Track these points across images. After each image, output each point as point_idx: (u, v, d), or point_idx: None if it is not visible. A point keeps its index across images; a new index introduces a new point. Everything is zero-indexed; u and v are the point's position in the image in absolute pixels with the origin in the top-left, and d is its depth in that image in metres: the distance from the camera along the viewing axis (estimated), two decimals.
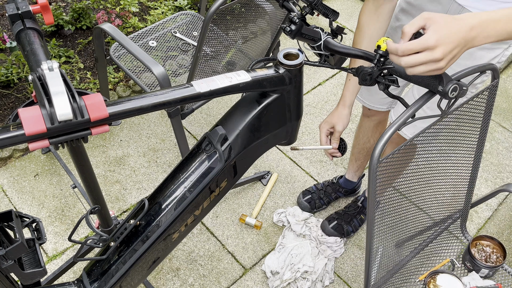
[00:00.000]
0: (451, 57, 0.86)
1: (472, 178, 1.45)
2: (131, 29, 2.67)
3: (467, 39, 0.86)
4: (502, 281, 1.47)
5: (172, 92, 0.86)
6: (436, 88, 0.92)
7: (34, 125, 0.74)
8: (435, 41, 0.84)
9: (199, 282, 1.85)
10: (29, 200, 2.04)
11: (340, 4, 3.30)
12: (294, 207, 2.06)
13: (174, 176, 1.04)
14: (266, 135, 1.04)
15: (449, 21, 0.85)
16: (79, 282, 1.11)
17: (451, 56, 0.86)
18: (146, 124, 2.39)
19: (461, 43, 0.86)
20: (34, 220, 1.06)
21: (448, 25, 0.85)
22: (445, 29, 0.85)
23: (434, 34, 0.84)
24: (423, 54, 0.85)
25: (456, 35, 0.85)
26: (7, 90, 2.37)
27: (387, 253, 1.31)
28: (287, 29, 1.03)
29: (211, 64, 1.88)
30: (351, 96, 1.34)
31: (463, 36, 0.85)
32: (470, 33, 0.86)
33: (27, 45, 1.19)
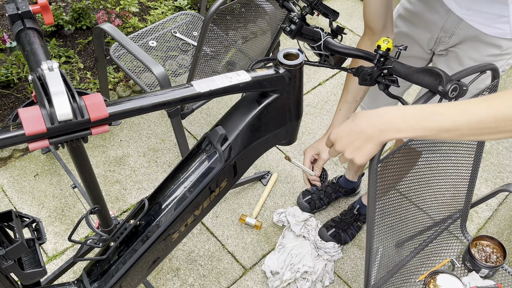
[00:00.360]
0: (354, 148, 0.92)
1: (472, 178, 1.45)
2: (131, 29, 2.68)
3: (371, 133, 0.89)
4: (502, 281, 1.47)
5: (172, 92, 0.86)
6: (436, 88, 0.92)
7: (34, 125, 0.74)
8: (332, 137, 0.95)
9: (199, 282, 1.85)
10: (29, 200, 2.04)
11: (340, 4, 3.30)
12: (294, 207, 2.06)
13: (174, 176, 1.04)
14: (266, 135, 1.04)
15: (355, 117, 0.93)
16: (79, 282, 1.11)
17: (353, 147, 0.92)
18: (146, 124, 2.39)
19: (361, 135, 0.90)
20: (34, 220, 1.06)
21: (353, 120, 0.92)
22: (346, 123, 0.93)
23: (335, 130, 0.95)
24: (330, 148, 0.99)
25: (353, 128, 0.91)
26: (7, 90, 2.37)
27: (387, 253, 1.31)
28: (287, 29, 1.03)
29: (211, 64, 1.88)
30: None
31: (363, 129, 0.90)
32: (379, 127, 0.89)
33: (27, 45, 1.19)
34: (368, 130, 0.90)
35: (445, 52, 1.37)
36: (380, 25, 1.25)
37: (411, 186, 1.26)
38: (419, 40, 1.40)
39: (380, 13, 1.22)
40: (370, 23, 1.26)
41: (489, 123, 0.82)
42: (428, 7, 1.31)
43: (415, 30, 1.39)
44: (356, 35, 3.05)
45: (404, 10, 1.41)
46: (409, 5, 1.38)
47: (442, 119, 0.84)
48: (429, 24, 1.33)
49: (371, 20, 1.25)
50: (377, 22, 1.24)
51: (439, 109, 0.85)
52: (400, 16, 1.43)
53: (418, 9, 1.35)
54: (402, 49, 0.96)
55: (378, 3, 1.20)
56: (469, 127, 0.83)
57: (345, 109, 1.30)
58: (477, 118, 0.82)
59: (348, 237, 1.98)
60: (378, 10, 1.22)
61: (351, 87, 1.29)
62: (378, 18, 1.23)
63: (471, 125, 0.83)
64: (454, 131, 0.84)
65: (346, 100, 1.30)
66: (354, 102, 1.30)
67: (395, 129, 0.88)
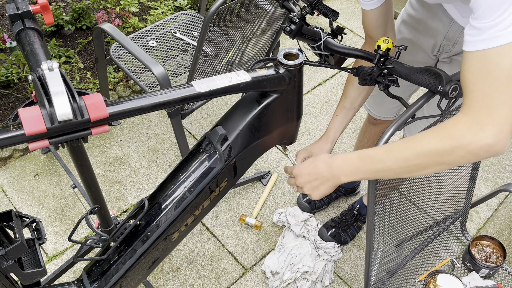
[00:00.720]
0: (312, 186, 1.04)
1: (472, 178, 1.45)
2: (131, 29, 2.68)
3: (326, 175, 1.01)
4: (502, 281, 1.47)
5: (172, 92, 0.86)
6: (436, 88, 0.92)
7: (34, 125, 0.74)
8: (295, 173, 1.07)
9: (199, 282, 1.85)
10: (29, 200, 2.04)
11: (340, 4, 3.30)
12: (294, 207, 2.06)
13: (174, 176, 1.04)
14: (266, 135, 1.04)
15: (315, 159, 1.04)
16: (79, 282, 1.11)
17: (311, 185, 1.04)
18: (146, 124, 2.39)
19: (319, 177, 1.02)
20: (34, 220, 1.06)
21: (313, 161, 1.04)
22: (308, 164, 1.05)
23: (297, 167, 1.07)
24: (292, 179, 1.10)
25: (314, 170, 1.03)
26: (7, 90, 2.37)
27: (387, 253, 1.31)
28: (287, 29, 1.03)
29: (211, 64, 1.88)
30: (336, 133, 1.29)
31: (320, 172, 1.01)
32: (330, 170, 1.00)
33: (27, 45, 1.19)
34: (324, 174, 1.01)
35: (448, 60, 1.36)
36: (380, 35, 1.23)
37: (411, 186, 1.26)
38: (423, 46, 1.38)
39: (379, 24, 1.21)
40: (369, 32, 1.24)
41: (413, 161, 0.89)
42: (431, 15, 1.30)
43: (418, 37, 1.38)
44: (356, 35, 3.05)
45: (408, 16, 1.40)
46: (413, 11, 1.37)
47: (375, 162, 0.94)
48: (433, 32, 1.32)
49: (370, 30, 1.23)
50: (376, 32, 1.23)
51: (372, 153, 0.95)
52: (403, 22, 1.42)
53: (422, 16, 1.33)
54: (402, 49, 0.96)
55: (377, 13, 1.18)
56: (398, 166, 0.92)
57: (342, 115, 1.29)
58: (403, 157, 0.91)
59: (348, 237, 1.98)
60: (376, 21, 1.20)
61: (349, 93, 1.28)
62: (377, 29, 1.22)
63: (399, 164, 0.91)
64: (388, 171, 0.93)
65: (344, 106, 1.29)
66: (352, 109, 1.28)
67: (344, 174, 0.99)
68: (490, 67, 0.80)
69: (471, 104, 0.83)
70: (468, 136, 0.83)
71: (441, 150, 0.86)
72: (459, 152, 0.85)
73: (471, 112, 0.83)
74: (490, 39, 0.79)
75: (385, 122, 1.75)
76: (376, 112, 1.71)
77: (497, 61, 0.79)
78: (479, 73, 0.82)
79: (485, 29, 0.79)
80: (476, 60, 0.82)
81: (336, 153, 2.35)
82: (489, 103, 0.81)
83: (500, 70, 0.79)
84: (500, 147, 0.83)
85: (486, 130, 0.82)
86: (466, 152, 0.84)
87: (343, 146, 2.38)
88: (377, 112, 1.71)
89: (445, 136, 0.86)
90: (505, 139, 0.83)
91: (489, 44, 0.79)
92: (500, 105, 0.81)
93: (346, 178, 0.99)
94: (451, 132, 0.85)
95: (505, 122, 0.81)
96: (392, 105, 1.64)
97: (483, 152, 0.84)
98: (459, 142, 0.84)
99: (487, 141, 0.82)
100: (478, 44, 0.81)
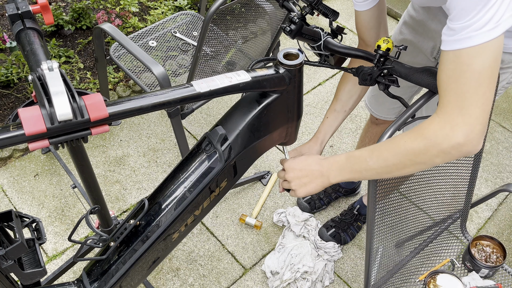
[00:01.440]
0: (300, 183, 1.06)
1: (472, 178, 1.45)
2: (131, 29, 2.68)
3: (316, 174, 1.03)
4: (502, 281, 1.47)
5: (172, 92, 0.86)
6: (436, 88, 0.93)
7: (34, 125, 0.74)
8: (287, 166, 1.08)
9: (199, 282, 1.85)
10: (29, 200, 2.04)
11: (340, 4, 3.30)
12: (294, 207, 2.06)
13: (174, 176, 1.04)
14: (266, 135, 1.04)
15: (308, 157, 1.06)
16: (79, 282, 1.11)
17: (300, 182, 1.06)
18: (146, 124, 2.39)
19: (309, 174, 1.04)
20: (34, 220, 1.06)
21: (305, 159, 1.06)
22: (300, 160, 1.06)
23: (290, 161, 1.08)
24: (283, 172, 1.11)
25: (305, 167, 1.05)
26: (7, 90, 2.37)
27: (387, 253, 1.31)
28: (287, 29, 1.03)
29: (211, 64, 1.88)
30: (326, 135, 1.30)
31: (311, 169, 1.04)
32: (320, 169, 1.03)
33: (27, 45, 1.19)
34: (315, 172, 1.03)
35: None
36: (373, 38, 1.24)
37: (411, 186, 1.26)
38: (423, 48, 1.39)
39: (371, 26, 1.22)
40: (362, 35, 1.26)
41: (392, 160, 0.92)
42: (431, 16, 1.30)
43: (418, 38, 1.38)
44: (356, 35, 3.05)
45: (409, 17, 1.40)
46: (414, 12, 1.37)
47: (359, 162, 0.97)
48: (432, 33, 1.33)
49: (363, 32, 1.24)
50: (368, 35, 1.24)
51: (357, 153, 0.98)
52: (405, 23, 1.42)
53: (422, 18, 1.34)
54: (402, 49, 0.96)
55: (369, 15, 1.19)
56: (379, 165, 0.94)
57: (332, 118, 1.29)
58: (383, 157, 0.94)
59: (348, 237, 1.98)
60: (368, 23, 1.21)
61: (341, 96, 1.29)
62: (369, 31, 1.23)
63: (379, 164, 0.94)
64: (371, 170, 0.96)
65: (335, 108, 1.29)
66: (342, 112, 1.29)
67: (333, 173, 1.01)
68: (462, 68, 0.82)
69: (444, 104, 0.86)
70: (440, 135, 0.86)
71: (416, 149, 0.89)
72: (432, 151, 0.87)
73: (444, 112, 0.85)
74: (463, 39, 0.80)
75: (386, 122, 1.75)
76: (378, 112, 1.71)
77: (469, 62, 0.81)
78: (452, 74, 0.83)
79: (459, 29, 0.80)
80: (450, 60, 0.83)
81: (336, 153, 2.35)
82: (461, 103, 0.83)
83: (472, 70, 0.81)
84: (471, 146, 0.85)
85: (457, 130, 0.84)
86: (439, 151, 0.87)
87: (343, 146, 2.38)
88: (378, 112, 1.71)
89: (420, 136, 0.88)
90: (476, 138, 0.84)
91: (462, 44, 0.80)
92: (471, 105, 0.82)
93: (334, 178, 1.02)
94: (425, 132, 0.88)
95: (475, 122, 0.83)
96: (393, 105, 1.64)
97: (455, 151, 0.86)
98: (431, 142, 0.87)
99: (458, 141, 0.84)
100: (452, 44, 0.82)
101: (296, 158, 1.08)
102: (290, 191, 1.10)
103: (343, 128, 2.46)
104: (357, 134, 2.44)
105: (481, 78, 0.81)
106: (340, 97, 1.29)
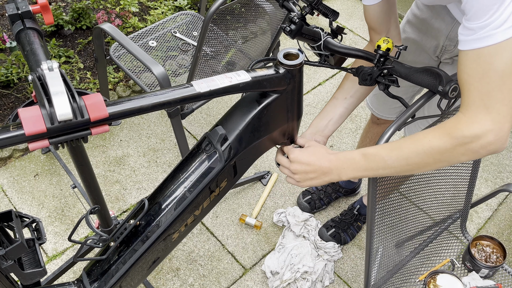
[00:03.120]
0: (306, 177, 1.02)
1: (472, 178, 1.45)
2: (131, 29, 2.67)
3: (325, 170, 1.00)
4: (502, 281, 1.47)
5: (172, 92, 0.86)
6: (436, 88, 0.93)
7: (34, 125, 0.74)
8: (293, 158, 1.03)
9: (199, 282, 1.85)
10: (29, 200, 2.04)
11: (340, 4, 3.30)
12: (294, 207, 2.06)
13: (174, 176, 1.04)
14: (266, 135, 1.04)
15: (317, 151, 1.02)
16: (79, 282, 1.11)
17: (306, 176, 1.02)
18: (146, 124, 2.39)
19: (317, 170, 1.00)
20: (34, 220, 1.06)
21: (314, 153, 1.02)
22: (309, 154, 1.02)
23: (297, 152, 1.03)
24: (286, 160, 1.05)
25: (314, 162, 1.01)
26: (7, 90, 2.37)
27: (387, 253, 1.31)
28: (287, 29, 1.03)
29: (211, 64, 1.88)
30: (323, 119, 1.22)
31: (320, 166, 1.00)
32: (330, 166, 0.99)
33: (27, 45, 1.19)
34: (324, 169, 1.00)
35: (450, 60, 1.36)
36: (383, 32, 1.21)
37: (411, 186, 1.26)
38: (426, 47, 1.39)
39: (380, 21, 1.19)
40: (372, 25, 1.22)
41: (414, 159, 0.91)
42: (435, 15, 1.30)
43: (422, 37, 1.38)
44: (356, 35, 3.05)
45: (413, 16, 1.40)
46: (418, 11, 1.37)
47: (376, 160, 0.95)
48: (435, 32, 1.33)
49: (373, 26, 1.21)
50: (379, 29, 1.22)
51: (373, 151, 0.95)
52: (408, 22, 1.42)
53: (426, 16, 1.34)
54: (402, 49, 0.96)
55: (378, 10, 1.17)
56: (399, 164, 0.93)
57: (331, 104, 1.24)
58: (403, 155, 0.92)
59: (348, 237, 1.98)
60: (378, 17, 1.19)
61: (345, 86, 1.24)
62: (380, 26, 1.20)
63: (400, 163, 0.92)
64: (389, 169, 0.94)
65: (335, 96, 1.25)
66: (343, 99, 1.24)
67: (345, 171, 0.98)
68: (484, 66, 0.81)
69: (468, 103, 0.85)
70: (469, 135, 0.85)
71: (442, 148, 0.88)
72: (459, 150, 0.86)
73: (470, 111, 0.85)
74: (483, 38, 0.80)
75: (387, 122, 1.75)
76: (378, 111, 1.71)
77: (490, 60, 0.81)
78: (475, 73, 0.83)
79: (478, 29, 0.80)
80: (471, 60, 0.83)
81: None
82: (486, 102, 0.83)
83: (494, 69, 0.81)
84: (499, 144, 0.85)
85: (486, 129, 0.83)
86: (466, 150, 0.86)
87: (343, 146, 2.38)
88: (379, 111, 1.71)
89: (446, 135, 0.87)
90: (504, 137, 0.84)
91: (482, 43, 0.81)
92: (497, 103, 0.82)
93: (346, 176, 0.99)
94: (452, 131, 0.87)
95: (503, 120, 0.83)
96: (394, 104, 1.64)
97: (483, 150, 0.85)
98: (459, 141, 0.86)
99: (488, 140, 0.84)
100: (472, 43, 0.82)
101: (304, 150, 1.04)
102: (289, 178, 1.07)
103: (343, 128, 2.46)
104: (357, 134, 2.44)
105: (505, 76, 0.81)
106: (345, 86, 1.24)
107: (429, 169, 0.93)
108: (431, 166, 0.92)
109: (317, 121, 1.23)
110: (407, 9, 1.48)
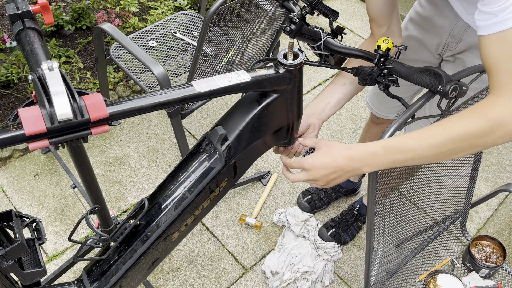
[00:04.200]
0: (329, 179, 0.99)
1: (472, 178, 1.45)
2: (131, 29, 2.67)
3: (346, 168, 0.96)
4: (502, 281, 1.47)
5: (172, 92, 0.86)
6: (436, 88, 0.92)
7: (34, 125, 0.74)
8: (308, 165, 0.99)
9: (199, 282, 1.85)
10: (29, 200, 2.04)
11: (340, 4, 3.30)
12: (294, 207, 2.06)
13: (174, 176, 1.04)
14: (266, 135, 1.04)
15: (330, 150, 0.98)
16: (79, 282, 1.11)
17: (328, 178, 0.99)
18: (146, 124, 2.39)
19: (337, 170, 0.97)
20: (34, 220, 1.06)
21: (328, 154, 0.98)
22: (322, 157, 0.98)
23: (310, 160, 0.99)
24: (301, 173, 1.01)
25: (330, 163, 0.97)
26: (7, 90, 2.37)
27: (387, 253, 1.31)
28: (287, 29, 1.03)
29: (211, 64, 1.88)
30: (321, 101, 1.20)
31: (338, 165, 0.96)
32: (350, 163, 0.96)
33: (27, 45, 1.19)
34: (345, 167, 0.97)
35: (452, 58, 1.36)
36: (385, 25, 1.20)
37: (411, 186, 1.26)
38: (428, 45, 1.39)
39: (383, 14, 1.18)
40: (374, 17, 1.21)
41: (448, 145, 0.88)
42: (438, 12, 1.30)
43: (424, 35, 1.38)
44: (356, 35, 3.05)
45: (415, 14, 1.40)
46: (421, 9, 1.37)
47: (404, 152, 0.91)
48: (438, 29, 1.33)
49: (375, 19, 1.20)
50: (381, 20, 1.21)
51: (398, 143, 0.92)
52: (411, 20, 1.42)
53: (429, 14, 1.34)
54: (402, 49, 0.96)
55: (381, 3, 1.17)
56: (431, 153, 0.90)
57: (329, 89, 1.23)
58: (436, 143, 0.89)
59: (348, 237, 1.98)
60: (381, 10, 1.18)
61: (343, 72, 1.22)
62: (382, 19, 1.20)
63: (432, 152, 0.90)
64: (419, 159, 0.91)
65: (334, 81, 1.24)
66: (341, 85, 1.22)
67: (367, 165, 0.95)
68: (510, 47, 0.82)
69: (500, 85, 0.84)
70: (508, 116, 0.83)
71: (478, 132, 0.85)
72: (497, 133, 0.84)
73: (503, 93, 0.84)
74: (505, 20, 0.81)
75: (387, 122, 1.75)
76: (378, 111, 1.71)
77: None
78: (501, 55, 0.83)
79: (498, 12, 0.81)
80: (495, 44, 0.83)
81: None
82: None
83: None
84: None
85: None
86: (505, 132, 0.84)
87: None
88: (379, 110, 1.71)
89: (483, 118, 0.85)
90: None
91: (505, 25, 0.81)
92: None
93: (369, 169, 0.96)
94: (489, 113, 0.84)
95: None
96: (394, 104, 1.64)
97: None
98: (496, 123, 0.84)
99: None
100: (493, 27, 0.82)
101: (316, 155, 1.00)
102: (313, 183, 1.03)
103: (343, 128, 2.46)
104: (357, 134, 2.44)
105: None
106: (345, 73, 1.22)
107: (463, 155, 0.91)
108: (465, 152, 0.89)
109: (314, 103, 1.21)
110: (408, 9, 1.48)
